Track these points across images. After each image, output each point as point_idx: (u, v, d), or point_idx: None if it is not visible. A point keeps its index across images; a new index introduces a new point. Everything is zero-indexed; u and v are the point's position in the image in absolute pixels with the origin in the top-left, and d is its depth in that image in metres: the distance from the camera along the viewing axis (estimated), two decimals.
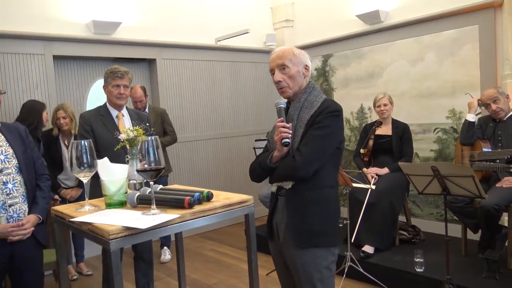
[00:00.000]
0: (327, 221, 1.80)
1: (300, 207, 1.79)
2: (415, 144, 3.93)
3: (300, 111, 1.82)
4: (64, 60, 4.26)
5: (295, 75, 1.84)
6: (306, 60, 1.89)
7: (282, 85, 1.85)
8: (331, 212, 1.83)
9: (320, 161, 1.75)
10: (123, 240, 1.42)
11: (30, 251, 2.14)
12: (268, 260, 4.02)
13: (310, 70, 1.91)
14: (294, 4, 5.62)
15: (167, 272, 3.90)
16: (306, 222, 1.78)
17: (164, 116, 4.18)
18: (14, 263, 2.10)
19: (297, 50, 1.89)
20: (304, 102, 1.83)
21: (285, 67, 1.83)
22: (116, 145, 2.15)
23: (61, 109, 3.62)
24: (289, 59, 1.83)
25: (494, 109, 3.21)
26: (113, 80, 2.71)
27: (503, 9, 3.70)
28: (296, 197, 1.80)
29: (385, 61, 4.62)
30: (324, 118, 1.75)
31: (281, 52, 1.87)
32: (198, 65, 5.09)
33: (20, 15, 3.83)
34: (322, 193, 1.80)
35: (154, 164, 1.54)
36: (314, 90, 1.87)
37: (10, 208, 2.07)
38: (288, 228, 1.81)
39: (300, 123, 1.80)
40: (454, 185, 2.57)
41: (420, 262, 3.10)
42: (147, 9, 4.64)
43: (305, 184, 1.77)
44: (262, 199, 4.20)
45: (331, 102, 1.82)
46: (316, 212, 1.78)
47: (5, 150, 2.11)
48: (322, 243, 1.79)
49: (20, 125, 2.33)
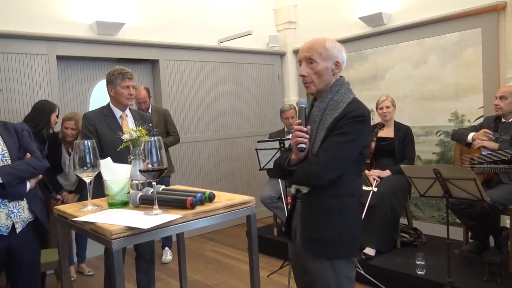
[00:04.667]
0: (344, 232, 1.68)
1: (316, 215, 1.69)
2: (417, 147, 3.92)
3: (324, 113, 1.68)
4: (68, 60, 4.28)
5: (322, 71, 1.67)
6: (339, 55, 1.71)
7: (306, 80, 1.70)
8: (349, 222, 1.69)
9: (338, 170, 1.63)
10: (126, 240, 1.43)
11: (27, 246, 2.17)
12: (269, 261, 4.06)
13: (342, 67, 1.72)
14: (297, 6, 5.63)
15: (168, 272, 3.91)
16: (320, 233, 1.67)
17: (167, 117, 4.19)
18: (11, 257, 2.13)
19: (330, 42, 1.71)
20: (329, 102, 1.68)
21: (312, 61, 1.67)
22: (119, 145, 2.16)
23: (73, 121, 3.54)
24: (318, 52, 1.67)
25: (495, 103, 3.22)
26: (123, 81, 2.71)
27: (506, 12, 3.70)
28: (312, 204, 1.70)
29: (388, 64, 4.62)
30: (346, 123, 1.61)
31: (312, 43, 1.70)
32: (201, 66, 5.10)
33: (24, 16, 3.85)
34: (340, 202, 1.67)
35: (156, 165, 1.54)
36: (341, 89, 1.70)
37: (10, 204, 2.10)
38: (302, 236, 1.72)
39: (322, 126, 1.67)
40: (456, 188, 2.56)
41: (421, 264, 3.09)
42: (150, 10, 4.66)
43: (322, 191, 1.66)
44: (263, 201, 4.21)
45: (357, 105, 1.67)
46: (333, 223, 1.67)
47: (2, 149, 2.11)
48: (338, 255, 1.68)
49: (20, 123, 2.33)
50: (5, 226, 2.09)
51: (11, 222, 2.10)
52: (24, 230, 2.16)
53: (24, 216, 2.17)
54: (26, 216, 2.18)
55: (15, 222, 2.12)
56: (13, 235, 2.11)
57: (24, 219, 2.17)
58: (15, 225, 2.12)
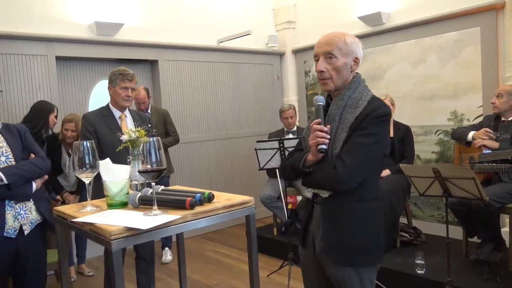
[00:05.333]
0: (369, 237, 1.60)
1: (339, 221, 1.60)
2: (416, 146, 3.92)
3: (343, 111, 1.59)
4: (67, 61, 4.27)
5: (341, 67, 1.59)
6: (358, 51, 1.63)
7: (325, 76, 1.61)
8: (375, 227, 1.62)
9: (365, 173, 1.56)
10: (125, 241, 1.43)
11: (35, 248, 2.16)
12: (269, 261, 4.06)
13: (360, 63, 1.65)
14: (296, 5, 5.63)
15: (168, 272, 3.91)
16: (345, 240, 1.59)
17: (166, 117, 4.19)
18: (18, 260, 2.11)
19: (350, 37, 1.62)
20: (348, 100, 1.60)
21: (332, 57, 1.59)
22: (119, 146, 2.16)
23: (73, 123, 3.52)
24: (338, 47, 1.58)
25: (492, 101, 3.24)
26: (122, 82, 2.71)
27: (505, 11, 3.70)
28: (335, 209, 1.61)
29: (387, 63, 4.62)
30: (371, 123, 1.54)
31: (332, 37, 1.61)
32: (200, 66, 5.10)
33: (23, 16, 3.85)
34: (365, 206, 1.59)
35: (155, 165, 1.54)
36: (359, 86, 1.63)
37: (16, 205, 2.08)
38: (325, 243, 1.62)
39: (342, 126, 1.58)
40: (455, 187, 2.57)
41: (421, 264, 3.09)
42: (149, 11, 4.66)
43: (346, 195, 1.57)
44: (263, 200, 4.21)
45: (379, 103, 1.60)
46: (358, 229, 1.59)
47: (6, 151, 2.10)
48: (363, 262, 1.61)
49: (20, 124, 2.33)
50: (13, 228, 2.06)
51: (19, 224, 2.08)
52: (32, 232, 2.14)
53: (32, 217, 2.14)
54: (34, 218, 2.16)
55: (23, 224, 2.09)
56: (21, 237, 2.09)
57: (32, 221, 2.14)
58: (22, 227, 2.09)
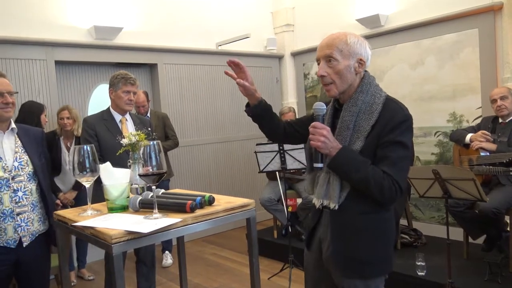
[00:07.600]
0: (380, 249, 1.55)
1: (350, 232, 1.54)
2: (416, 148, 3.93)
3: (357, 118, 1.49)
4: (66, 65, 4.28)
5: (343, 70, 1.49)
6: (362, 51, 1.52)
7: (327, 81, 1.51)
8: (388, 238, 1.57)
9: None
10: (126, 244, 1.43)
11: (36, 258, 2.13)
12: (270, 264, 4.05)
13: (367, 64, 1.54)
14: (294, 8, 5.65)
15: (168, 276, 3.90)
16: (356, 253, 1.53)
17: (165, 121, 4.20)
18: (20, 269, 2.09)
19: (352, 37, 1.51)
20: (362, 106, 1.50)
21: (332, 60, 1.49)
22: (119, 149, 2.16)
23: (65, 110, 3.63)
24: (339, 49, 1.48)
25: (499, 105, 3.21)
26: (125, 86, 2.72)
27: (503, 13, 3.71)
28: (346, 219, 1.54)
29: (386, 65, 4.63)
30: (400, 133, 1.45)
31: (332, 38, 1.51)
32: (199, 70, 5.10)
33: (22, 21, 3.86)
34: (378, 218, 1.53)
35: (156, 169, 1.54)
36: (370, 87, 1.53)
37: (18, 217, 2.04)
38: (333, 254, 1.57)
39: (357, 134, 1.48)
40: (455, 189, 2.57)
41: (422, 265, 3.09)
42: (148, 15, 4.67)
43: (358, 205, 1.51)
44: (263, 203, 4.21)
45: (396, 106, 1.51)
46: (369, 240, 1.52)
47: (20, 157, 2.07)
48: (372, 274, 1.55)
49: (37, 129, 2.32)
50: (13, 239, 2.04)
51: (18, 236, 2.05)
52: (33, 243, 2.11)
53: (33, 229, 2.11)
54: (35, 229, 2.12)
55: (22, 236, 2.06)
56: (20, 249, 2.06)
57: (33, 232, 2.11)
58: (22, 238, 2.07)
